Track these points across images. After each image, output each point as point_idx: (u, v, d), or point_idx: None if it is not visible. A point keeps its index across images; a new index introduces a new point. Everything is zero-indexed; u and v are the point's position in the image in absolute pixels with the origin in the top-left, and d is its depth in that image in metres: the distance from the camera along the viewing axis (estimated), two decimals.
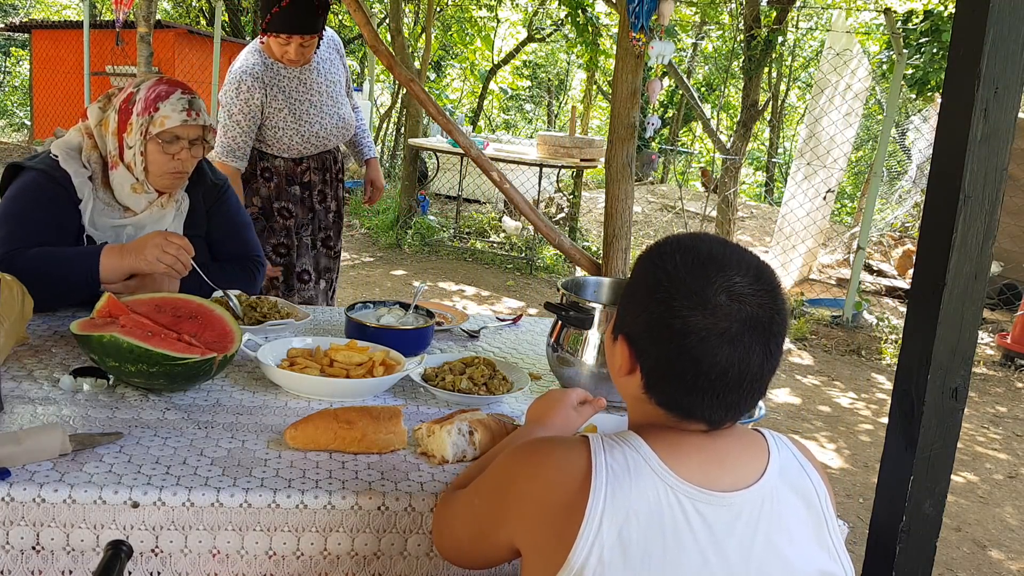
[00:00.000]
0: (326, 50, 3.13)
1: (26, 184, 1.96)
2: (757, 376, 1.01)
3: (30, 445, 1.24)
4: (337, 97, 3.15)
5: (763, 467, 1.05)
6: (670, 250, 1.06)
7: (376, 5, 15.44)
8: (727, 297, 0.99)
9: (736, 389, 1.01)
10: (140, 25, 8.04)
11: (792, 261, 7.50)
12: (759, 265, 1.04)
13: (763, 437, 1.10)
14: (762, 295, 1.01)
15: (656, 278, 1.04)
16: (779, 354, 1.04)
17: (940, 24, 7.90)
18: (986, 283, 1.39)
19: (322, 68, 3.10)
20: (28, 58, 16.51)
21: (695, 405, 1.02)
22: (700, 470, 1.02)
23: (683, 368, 1.00)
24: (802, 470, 1.08)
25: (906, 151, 9.87)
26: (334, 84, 3.13)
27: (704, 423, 1.04)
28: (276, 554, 1.25)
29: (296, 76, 3.04)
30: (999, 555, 3.38)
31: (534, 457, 1.06)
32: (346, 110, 3.21)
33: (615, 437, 1.06)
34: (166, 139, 1.96)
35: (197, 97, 2.00)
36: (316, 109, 3.09)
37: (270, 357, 1.68)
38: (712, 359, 0.99)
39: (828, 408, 4.95)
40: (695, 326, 0.99)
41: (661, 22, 3.69)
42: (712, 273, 1.01)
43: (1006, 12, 1.28)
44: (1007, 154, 1.34)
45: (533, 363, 2.02)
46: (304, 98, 3.07)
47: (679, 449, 1.03)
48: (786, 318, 1.05)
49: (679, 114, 17.33)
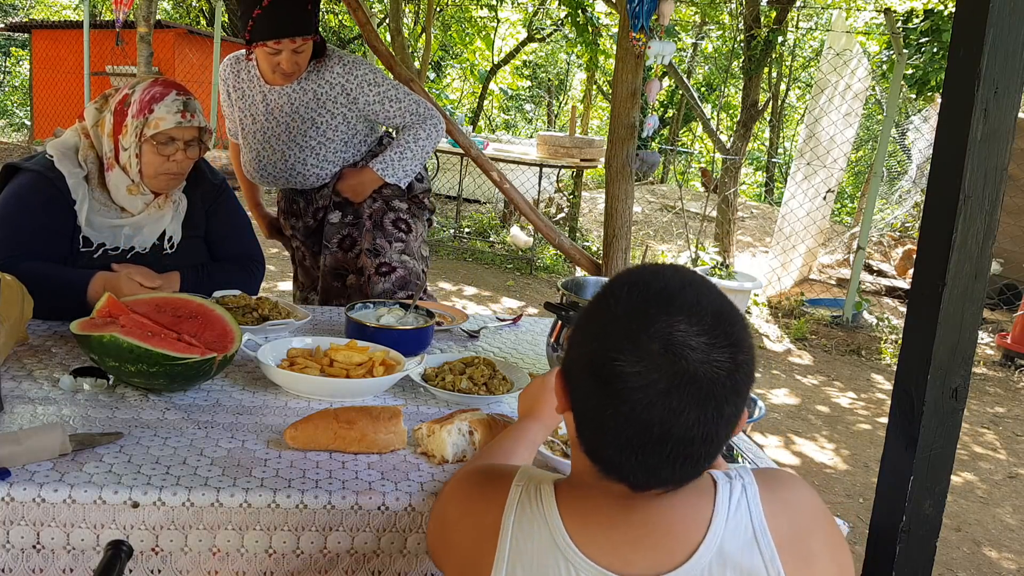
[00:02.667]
0: (331, 74, 2.56)
1: (20, 186, 1.96)
2: (686, 440, 0.88)
3: (30, 445, 1.24)
4: (327, 134, 2.60)
5: (697, 542, 0.91)
6: (621, 283, 0.95)
7: (376, 5, 15.44)
8: (661, 345, 0.87)
9: (658, 450, 0.88)
10: (140, 25, 8.05)
11: (792, 261, 7.50)
12: (720, 312, 0.90)
13: (713, 494, 0.95)
14: (711, 350, 0.87)
15: (598, 313, 0.95)
16: (721, 420, 0.89)
17: (940, 24, 7.90)
18: (986, 283, 1.39)
19: (312, 90, 2.56)
20: (28, 58, 16.51)
21: (614, 460, 0.92)
22: (612, 549, 0.92)
23: (606, 416, 0.90)
24: (753, 543, 0.92)
25: (906, 151, 9.87)
26: (328, 116, 2.58)
27: (625, 485, 0.93)
28: (276, 552, 1.25)
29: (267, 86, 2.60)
30: (999, 555, 3.38)
31: (460, 506, 1.07)
32: (340, 154, 2.65)
33: (533, 493, 0.98)
34: (161, 141, 1.95)
35: (192, 98, 1.99)
36: (283, 136, 2.60)
37: (270, 357, 1.68)
38: (632, 411, 0.87)
39: (828, 408, 4.95)
40: (620, 371, 0.88)
41: (661, 22, 3.70)
42: (653, 315, 0.89)
43: (1006, 12, 1.28)
44: (1007, 154, 1.34)
45: (533, 363, 2.02)
46: (268, 115, 2.60)
47: (591, 521, 0.94)
48: (741, 382, 0.90)
49: (679, 114, 17.32)
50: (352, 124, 2.62)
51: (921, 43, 7.95)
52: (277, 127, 2.61)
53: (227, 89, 2.69)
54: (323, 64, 2.56)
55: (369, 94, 2.57)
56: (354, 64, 2.57)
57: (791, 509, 0.97)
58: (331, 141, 2.62)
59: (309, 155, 2.62)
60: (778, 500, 0.97)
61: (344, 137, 2.63)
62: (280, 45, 2.41)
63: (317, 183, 2.69)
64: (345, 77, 2.55)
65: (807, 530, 0.96)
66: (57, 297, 1.86)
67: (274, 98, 2.59)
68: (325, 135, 2.60)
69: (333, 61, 2.56)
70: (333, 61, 2.56)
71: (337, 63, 2.56)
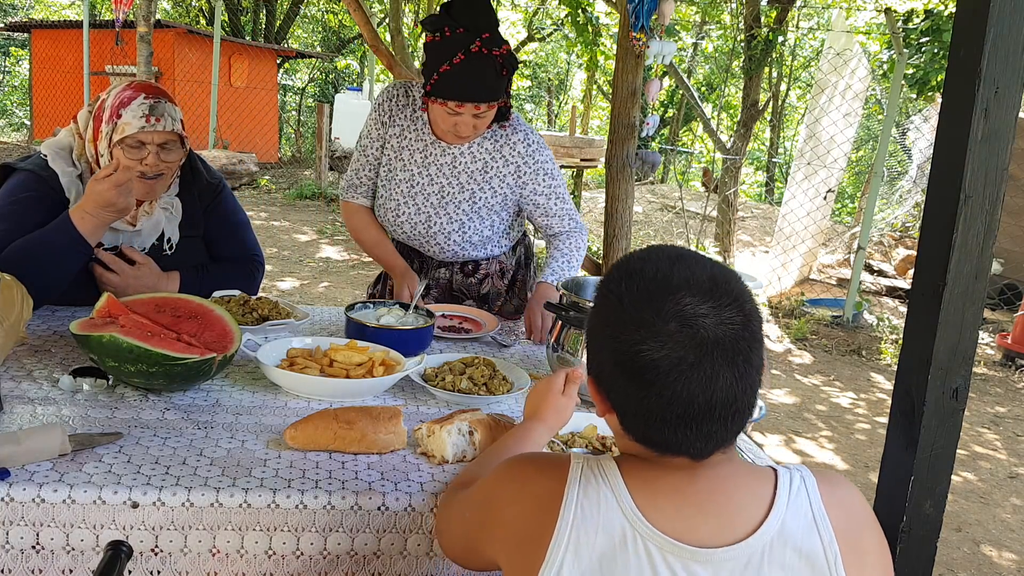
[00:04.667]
0: (509, 149, 2.26)
1: (15, 186, 1.96)
2: (729, 400, 0.92)
3: (30, 445, 1.24)
4: (481, 212, 2.30)
5: (760, 519, 0.95)
6: (618, 277, 0.99)
7: (376, 5, 15.44)
8: (677, 323, 0.91)
9: (708, 418, 0.92)
10: (140, 25, 8.05)
11: (792, 261, 7.50)
12: (714, 276, 0.95)
13: (775, 480, 0.99)
14: (720, 311, 0.92)
15: (606, 312, 0.98)
16: (752, 371, 0.94)
17: (940, 24, 7.89)
18: (987, 283, 1.39)
19: (483, 159, 2.26)
20: (28, 58, 16.52)
21: (671, 440, 0.95)
22: (677, 516, 0.94)
23: (649, 404, 0.93)
24: (813, 527, 0.96)
25: (906, 151, 9.88)
26: (490, 193, 2.28)
27: (686, 456, 0.96)
28: (276, 553, 1.25)
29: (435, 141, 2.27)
30: (999, 555, 3.38)
31: (514, 483, 1.04)
32: (484, 239, 2.35)
33: (596, 466, 1.00)
34: (130, 145, 1.91)
35: (163, 102, 1.94)
36: (434, 197, 2.29)
37: (270, 357, 1.68)
38: (673, 391, 0.91)
39: (828, 408, 4.95)
40: (648, 360, 0.91)
41: (661, 21, 3.70)
42: (659, 298, 0.93)
43: (1006, 12, 1.28)
44: (1008, 154, 1.34)
45: (533, 363, 2.02)
46: (423, 168, 2.29)
47: (656, 490, 0.96)
48: (756, 330, 0.95)
49: (679, 114, 17.33)
50: (508, 209, 2.34)
51: (921, 43, 7.95)
52: (430, 185, 2.29)
53: (382, 119, 2.30)
54: (504, 133, 2.26)
55: (540, 184, 2.29)
56: (538, 147, 2.29)
57: (846, 504, 1.01)
58: (482, 220, 2.31)
59: (456, 229, 2.30)
60: (834, 494, 1.01)
61: (493, 222, 2.33)
62: (462, 108, 2.09)
63: (446, 260, 2.40)
64: (524, 159, 2.26)
65: (861, 524, 1.00)
66: (49, 245, 1.83)
67: (437, 153, 2.27)
68: (479, 213, 2.30)
69: (517, 136, 2.26)
70: (517, 136, 2.26)
71: (521, 140, 2.26)
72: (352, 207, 2.41)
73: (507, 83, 2.12)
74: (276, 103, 15.58)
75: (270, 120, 14.53)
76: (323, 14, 19.77)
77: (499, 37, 2.09)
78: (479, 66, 2.04)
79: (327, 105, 11.84)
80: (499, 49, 2.06)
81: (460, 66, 2.03)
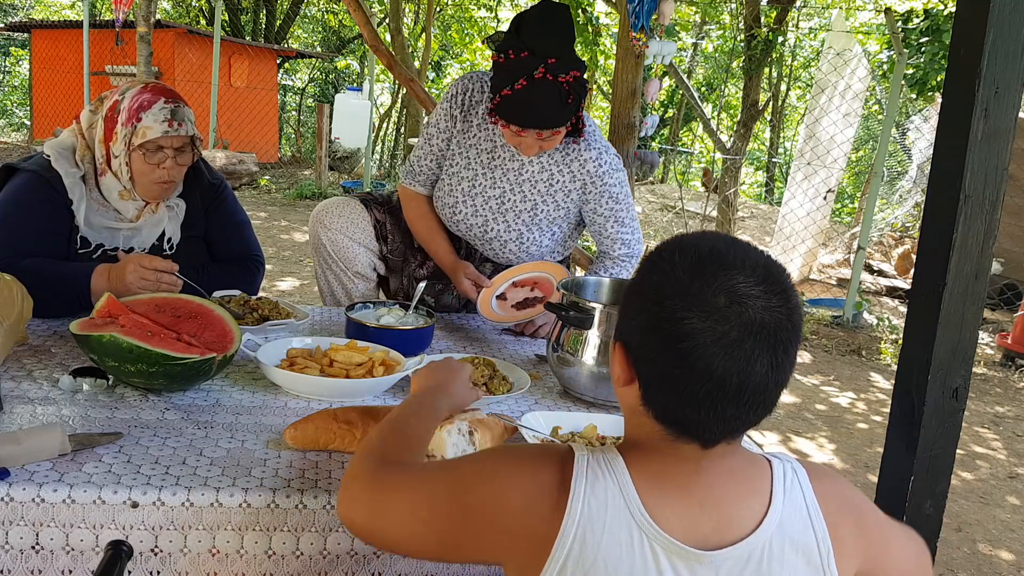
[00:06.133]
0: (579, 165, 2.21)
1: (17, 187, 1.95)
2: (760, 388, 0.91)
3: (30, 445, 1.24)
4: (541, 224, 2.26)
5: (760, 515, 0.95)
6: (669, 249, 0.97)
7: (376, 5, 15.44)
8: (727, 298, 0.90)
9: (735, 401, 0.91)
10: (140, 25, 8.06)
11: (792, 261, 7.50)
12: (768, 265, 0.94)
13: (770, 472, 0.99)
14: (770, 298, 0.91)
15: (652, 279, 0.96)
16: (788, 366, 0.93)
17: (940, 24, 7.90)
18: (986, 283, 1.39)
19: (551, 170, 2.22)
20: (28, 58, 16.52)
21: (691, 419, 0.93)
22: (683, 514, 0.94)
23: (678, 376, 0.91)
24: (808, 521, 0.97)
25: (906, 151, 9.88)
26: (553, 207, 2.24)
27: (698, 442, 0.95)
28: (275, 553, 1.25)
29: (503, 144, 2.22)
30: (999, 555, 3.38)
31: (517, 473, 0.98)
32: (541, 250, 2.31)
33: (602, 460, 0.97)
34: (150, 149, 1.93)
35: (182, 106, 1.96)
36: (494, 201, 2.25)
37: (270, 357, 1.68)
38: (708, 366, 0.89)
39: (828, 408, 4.95)
40: (690, 329, 0.90)
41: (661, 22, 3.70)
42: (711, 272, 0.92)
43: (1006, 12, 1.28)
44: (1007, 154, 1.34)
45: (534, 363, 2.02)
46: (488, 170, 2.24)
47: (663, 486, 0.95)
48: (798, 325, 0.94)
49: (679, 114, 17.33)
50: (569, 221, 2.30)
51: (921, 43, 7.95)
52: (491, 189, 2.24)
53: (452, 112, 2.25)
54: (576, 148, 2.20)
55: (602, 205, 2.23)
56: (610, 169, 2.21)
57: (837, 496, 1.02)
58: (541, 232, 2.27)
59: (513, 238, 2.26)
60: (825, 486, 1.01)
61: (553, 233, 2.29)
62: (524, 133, 2.05)
63: (501, 262, 2.35)
64: (592, 178, 2.21)
65: (850, 514, 1.02)
66: (59, 292, 1.85)
67: (505, 157, 2.22)
68: (539, 224, 2.25)
69: (590, 153, 2.20)
70: (590, 153, 2.20)
71: (593, 159, 2.20)
72: (409, 193, 2.37)
73: (575, 109, 2.05)
74: (276, 103, 15.59)
75: (270, 120, 14.53)
76: (323, 14, 19.76)
77: (569, 61, 1.99)
78: (543, 93, 1.97)
79: (327, 105, 11.84)
80: (565, 75, 1.97)
81: (522, 92, 1.97)
